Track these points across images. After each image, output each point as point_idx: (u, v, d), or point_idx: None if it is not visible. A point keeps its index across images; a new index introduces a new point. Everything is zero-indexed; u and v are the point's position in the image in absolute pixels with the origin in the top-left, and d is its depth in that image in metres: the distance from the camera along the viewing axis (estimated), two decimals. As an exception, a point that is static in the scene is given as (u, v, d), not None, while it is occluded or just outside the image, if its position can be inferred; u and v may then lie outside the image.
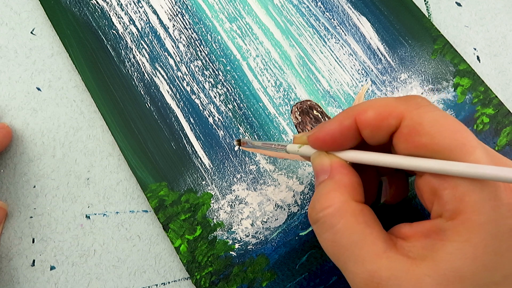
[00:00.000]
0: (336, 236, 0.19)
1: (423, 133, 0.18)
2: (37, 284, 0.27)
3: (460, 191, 0.17)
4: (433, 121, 0.18)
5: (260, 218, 0.28)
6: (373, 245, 0.18)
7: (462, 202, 0.17)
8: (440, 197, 0.18)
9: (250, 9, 0.34)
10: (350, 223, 0.19)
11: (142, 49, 0.32)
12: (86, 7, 0.33)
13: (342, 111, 0.21)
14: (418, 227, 0.19)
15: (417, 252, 0.18)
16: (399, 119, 0.19)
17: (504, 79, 0.33)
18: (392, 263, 0.18)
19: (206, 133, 0.30)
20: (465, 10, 0.35)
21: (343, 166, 0.21)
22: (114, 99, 0.31)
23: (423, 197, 0.19)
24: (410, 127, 0.18)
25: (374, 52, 0.33)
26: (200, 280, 0.27)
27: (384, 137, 0.20)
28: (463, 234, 0.17)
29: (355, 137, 0.20)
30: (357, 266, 0.18)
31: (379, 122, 0.19)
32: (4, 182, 0.29)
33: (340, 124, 0.20)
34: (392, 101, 0.19)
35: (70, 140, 0.30)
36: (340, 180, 0.20)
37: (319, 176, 0.21)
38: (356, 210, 0.19)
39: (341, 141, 0.21)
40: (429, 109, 0.19)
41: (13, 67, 0.32)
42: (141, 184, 0.29)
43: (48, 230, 0.28)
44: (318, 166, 0.21)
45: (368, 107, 0.20)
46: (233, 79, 0.32)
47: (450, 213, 0.17)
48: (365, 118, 0.20)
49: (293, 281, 0.27)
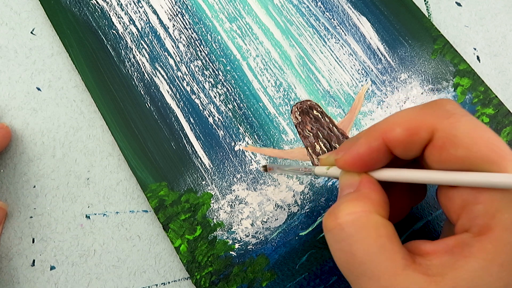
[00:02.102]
0: (352, 247, 0.18)
1: (458, 145, 0.17)
2: (37, 284, 0.27)
3: (494, 207, 0.16)
4: (468, 131, 0.17)
5: (260, 218, 0.28)
6: (392, 261, 0.17)
7: (494, 218, 0.16)
8: (470, 211, 0.17)
9: (250, 9, 0.34)
10: (370, 234, 0.17)
11: (142, 49, 0.32)
12: (86, 7, 0.33)
13: (367, 129, 0.20)
14: (441, 244, 0.18)
15: (436, 270, 0.17)
16: (430, 132, 0.18)
17: (504, 79, 0.33)
18: (410, 281, 0.16)
19: (206, 133, 0.30)
20: (465, 10, 0.35)
21: (371, 182, 0.19)
22: (114, 99, 0.31)
23: (449, 208, 0.18)
24: (443, 140, 0.17)
25: (374, 52, 0.33)
26: (200, 280, 0.27)
27: (417, 152, 0.19)
28: (490, 252, 0.16)
29: (386, 156, 0.19)
30: (371, 282, 0.17)
31: (409, 138, 0.18)
32: (4, 182, 0.29)
33: (368, 146, 0.19)
34: (419, 113, 0.18)
35: (70, 140, 0.30)
36: (367, 193, 0.19)
37: (345, 190, 0.20)
38: (378, 223, 0.18)
39: (371, 162, 0.20)
40: (461, 117, 0.18)
41: (13, 67, 0.32)
42: (141, 184, 0.29)
43: (48, 230, 0.28)
44: (346, 182, 0.20)
45: (395, 124, 0.19)
46: (233, 79, 0.32)
47: (478, 228, 0.16)
48: (394, 136, 0.18)
49: (293, 281, 0.27)
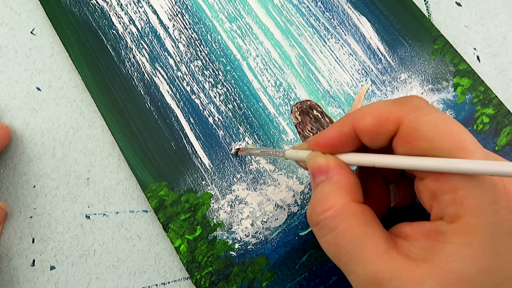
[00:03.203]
0: (337, 238, 0.19)
1: (421, 137, 0.18)
2: (37, 284, 0.27)
3: (460, 195, 0.17)
4: (431, 125, 0.18)
5: (260, 218, 0.28)
6: (375, 246, 0.18)
7: (462, 206, 0.17)
8: (440, 201, 0.18)
9: (250, 9, 0.34)
10: (351, 224, 0.19)
11: (142, 49, 0.32)
12: (86, 7, 0.33)
13: (341, 118, 0.21)
14: (419, 227, 0.19)
15: (417, 253, 0.18)
16: (396, 124, 0.19)
17: (504, 79, 0.33)
18: (394, 264, 0.18)
19: (206, 133, 0.30)
20: (465, 10, 0.35)
21: (340, 166, 0.20)
22: (114, 99, 0.31)
23: (422, 200, 0.19)
24: (407, 132, 0.18)
25: (374, 52, 0.33)
26: (200, 280, 0.27)
27: (383, 142, 0.20)
28: (463, 236, 0.17)
29: (355, 142, 0.20)
30: (359, 267, 0.18)
31: (377, 128, 0.19)
32: (4, 182, 0.29)
33: (339, 130, 0.20)
34: (389, 106, 0.19)
35: (70, 140, 0.30)
36: (339, 180, 0.20)
37: (316, 176, 0.21)
38: (357, 211, 0.19)
39: (340, 146, 0.21)
40: (426, 111, 0.18)
41: (13, 67, 0.32)
42: (141, 184, 0.29)
43: (48, 230, 0.28)
44: (314, 166, 0.21)
45: (365, 114, 0.20)
46: (233, 79, 0.32)
47: (450, 216, 0.17)
48: (363, 124, 0.20)
49: (293, 281, 0.27)
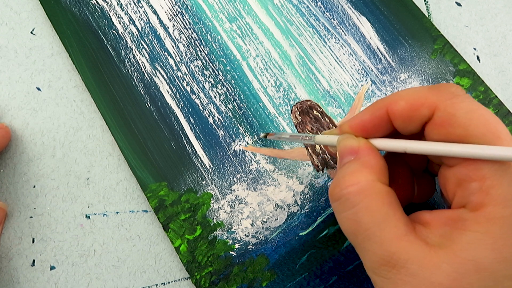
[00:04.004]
0: (358, 214, 0.19)
1: (457, 124, 0.18)
2: (37, 284, 0.27)
3: (488, 184, 0.17)
4: (467, 112, 0.18)
5: (260, 218, 0.28)
6: (395, 227, 0.18)
7: (488, 194, 0.17)
8: (465, 188, 0.18)
9: (250, 9, 0.34)
10: (374, 202, 0.19)
11: (142, 49, 0.32)
12: (86, 7, 0.33)
13: (374, 102, 0.21)
14: (439, 215, 0.19)
15: (435, 239, 0.18)
16: (431, 110, 0.19)
17: (504, 79, 0.33)
18: (412, 247, 0.18)
19: (206, 133, 0.30)
20: (465, 10, 0.35)
21: (370, 148, 0.20)
22: (114, 99, 0.31)
23: (446, 188, 0.19)
24: (443, 118, 0.18)
25: (374, 52, 0.33)
26: (200, 280, 0.27)
27: (416, 127, 0.20)
28: (484, 225, 0.17)
29: (387, 127, 0.20)
30: (375, 246, 0.18)
31: (411, 113, 0.19)
32: (4, 182, 0.29)
33: (372, 114, 0.20)
34: (424, 91, 0.19)
35: (70, 140, 0.30)
36: (368, 161, 0.20)
37: (344, 157, 0.21)
38: (382, 191, 0.19)
39: (373, 130, 0.21)
40: (463, 99, 0.18)
41: (13, 67, 0.32)
42: (141, 184, 0.29)
43: (48, 230, 0.28)
44: (344, 147, 0.21)
45: (400, 98, 0.20)
46: (233, 79, 0.32)
47: (474, 204, 0.17)
48: (397, 108, 0.19)
49: (293, 281, 0.27)
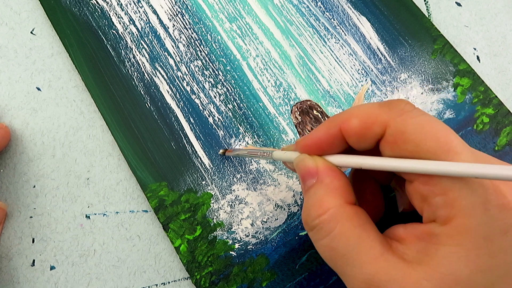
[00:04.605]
0: (333, 242, 0.19)
1: (408, 140, 0.18)
2: (37, 284, 0.27)
3: (451, 197, 0.17)
4: (417, 127, 0.18)
5: (260, 218, 0.28)
6: (370, 248, 0.18)
7: (453, 207, 0.17)
8: (430, 204, 0.18)
9: (250, 9, 0.34)
10: (346, 227, 0.19)
11: (142, 49, 0.32)
12: (86, 7, 0.33)
13: (328, 119, 0.21)
14: (412, 230, 0.19)
15: (412, 255, 0.18)
16: (383, 127, 0.19)
17: (504, 79, 0.33)
18: (390, 266, 0.18)
19: (206, 133, 0.30)
20: (465, 10, 0.35)
21: (330, 168, 0.20)
22: (114, 99, 0.31)
23: (414, 202, 0.19)
24: (394, 135, 0.18)
25: (374, 52, 0.33)
26: (200, 280, 0.27)
27: (370, 144, 0.20)
28: (455, 238, 0.17)
29: (341, 144, 0.20)
30: (355, 270, 0.18)
31: (363, 131, 0.19)
32: (4, 182, 0.29)
33: (326, 131, 0.20)
34: (376, 108, 0.19)
35: (70, 140, 0.30)
36: (331, 183, 0.20)
37: (306, 180, 0.21)
38: (351, 214, 0.19)
39: (327, 148, 0.21)
40: (412, 114, 0.18)
41: (13, 67, 0.32)
42: (141, 184, 0.29)
43: (48, 230, 0.28)
44: (303, 169, 0.21)
45: (352, 116, 0.20)
46: (233, 79, 0.32)
47: (442, 218, 0.17)
48: (349, 126, 0.20)
49: (293, 281, 0.27)
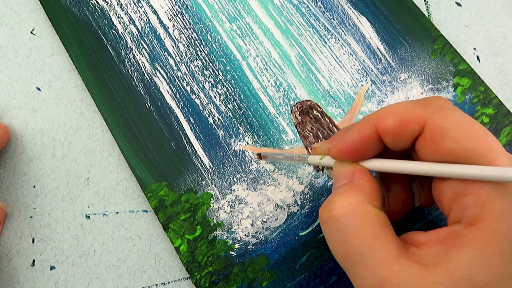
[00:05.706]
0: (347, 237, 0.18)
1: (448, 137, 0.17)
2: (37, 284, 0.27)
3: (483, 198, 0.17)
4: (457, 125, 0.17)
5: (260, 218, 0.28)
6: (386, 250, 0.18)
7: (483, 208, 0.16)
8: (461, 203, 0.17)
9: (250, 9, 0.34)
10: (364, 225, 0.18)
11: (142, 49, 0.32)
12: (86, 7, 0.33)
13: (361, 119, 0.20)
14: (433, 234, 0.18)
15: (429, 259, 0.17)
16: (421, 124, 0.18)
17: (504, 79, 0.33)
18: (404, 270, 0.17)
19: (206, 133, 0.30)
20: (465, 10, 0.35)
21: (364, 172, 0.20)
22: (114, 99, 0.31)
23: (441, 201, 0.19)
24: (433, 132, 0.18)
25: (374, 52, 0.33)
26: (200, 280, 0.27)
27: (407, 143, 0.19)
28: (480, 241, 0.16)
29: (377, 145, 0.20)
30: (366, 271, 0.18)
31: (400, 129, 0.19)
32: (4, 182, 0.29)
33: (360, 133, 0.20)
34: (412, 106, 0.19)
35: (70, 140, 0.30)
36: (360, 184, 0.19)
37: (338, 181, 0.20)
38: (372, 213, 0.18)
39: (363, 150, 0.20)
40: (452, 112, 0.18)
41: (13, 67, 0.32)
42: (141, 184, 0.29)
43: (48, 230, 0.28)
44: (338, 173, 0.20)
45: (388, 114, 0.19)
46: (233, 79, 0.32)
47: (469, 219, 0.17)
48: (386, 125, 0.19)
49: (293, 281, 0.27)
